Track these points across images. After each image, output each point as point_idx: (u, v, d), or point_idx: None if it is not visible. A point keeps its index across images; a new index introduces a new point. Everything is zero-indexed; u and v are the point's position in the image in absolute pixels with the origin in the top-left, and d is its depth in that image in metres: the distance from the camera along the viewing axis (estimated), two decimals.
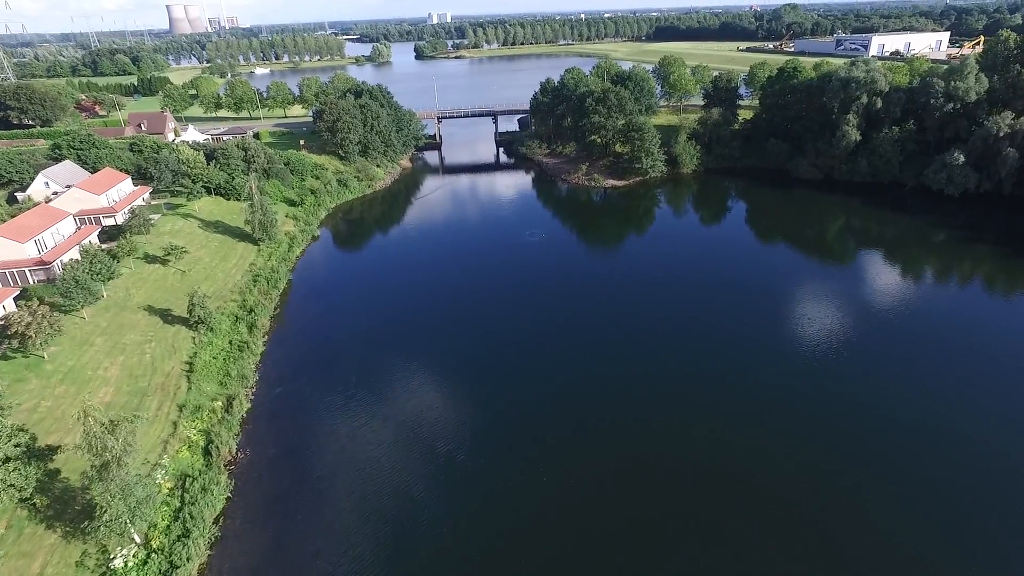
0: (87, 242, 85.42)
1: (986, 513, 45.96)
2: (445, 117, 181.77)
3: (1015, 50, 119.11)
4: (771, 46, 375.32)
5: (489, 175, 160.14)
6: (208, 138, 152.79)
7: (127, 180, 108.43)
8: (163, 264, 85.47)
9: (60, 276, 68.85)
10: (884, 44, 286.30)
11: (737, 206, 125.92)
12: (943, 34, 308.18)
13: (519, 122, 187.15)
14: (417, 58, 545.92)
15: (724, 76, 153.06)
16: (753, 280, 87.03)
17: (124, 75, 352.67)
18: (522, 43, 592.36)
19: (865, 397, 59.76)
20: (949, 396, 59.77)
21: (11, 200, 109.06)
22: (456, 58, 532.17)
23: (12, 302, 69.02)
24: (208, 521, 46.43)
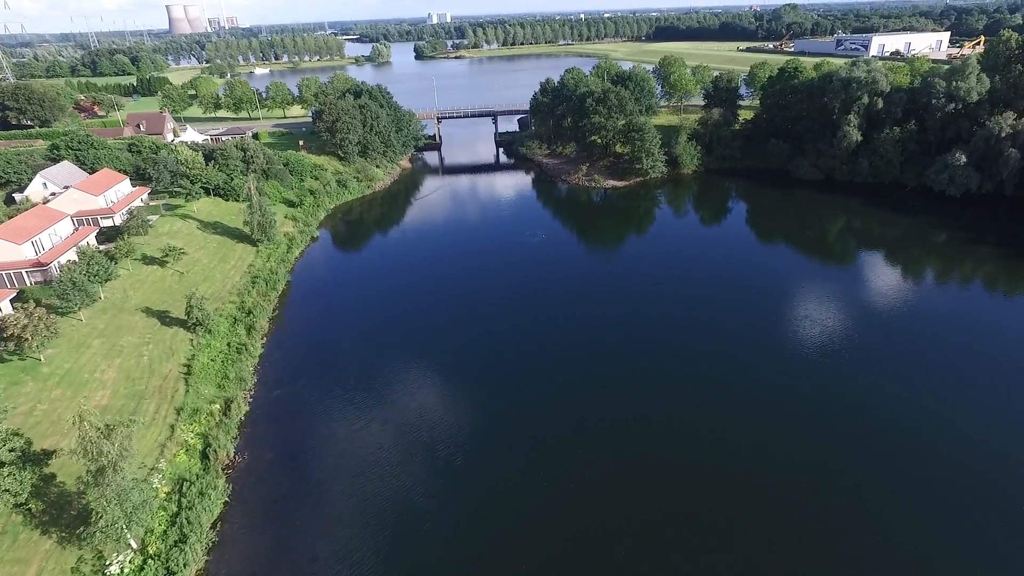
0: (85, 243, 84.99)
1: (986, 513, 45.95)
2: (445, 117, 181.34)
3: (1017, 50, 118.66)
4: (771, 46, 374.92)
5: (489, 176, 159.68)
6: (207, 139, 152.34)
7: (125, 181, 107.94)
8: (161, 265, 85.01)
9: (57, 278, 68.39)
10: (884, 44, 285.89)
11: (738, 207, 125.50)
12: (943, 34, 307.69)
13: (519, 122, 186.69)
14: (417, 58, 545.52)
15: (725, 76, 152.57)
16: (753, 280, 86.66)
17: (123, 75, 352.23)
18: (522, 43, 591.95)
19: (865, 397, 59.48)
20: (950, 396, 59.48)
21: (9, 201, 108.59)
22: (456, 58, 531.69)
23: (8, 304, 68.62)
24: (205, 526, 45.99)
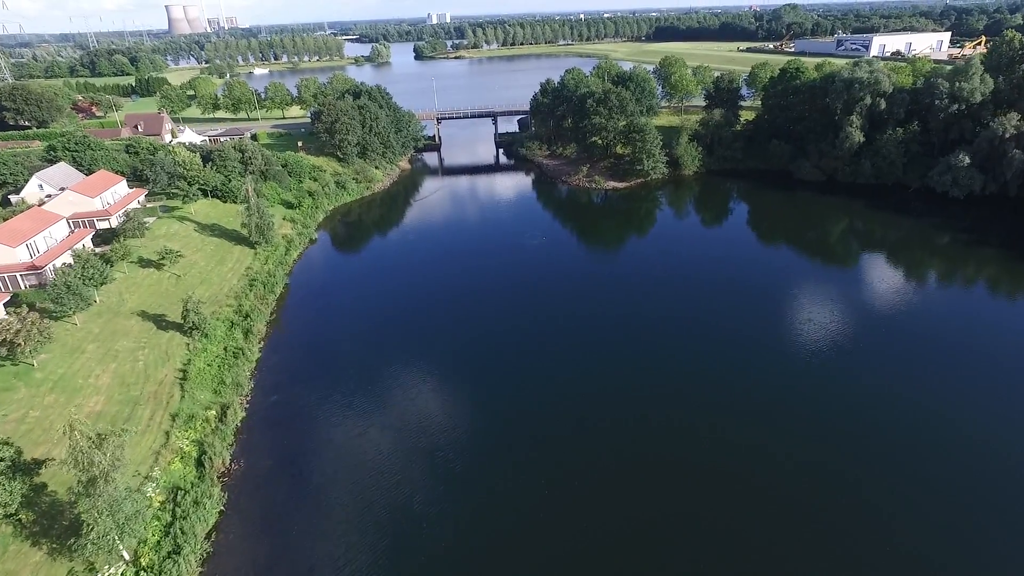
0: (80, 246, 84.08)
1: (986, 513, 45.67)
2: (444, 118, 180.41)
3: (1020, 50, 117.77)
4: (771, 46, 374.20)
5: (489, 177, 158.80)
6: (205, 139, 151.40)
7: (122, 182, 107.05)
8: (158, 268, 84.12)
9: (51, 281, 67.46)
10: (885, 44, 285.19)
11: (739, 208, 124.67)
12: (944, 34, 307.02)
13: (519, 123, 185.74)
14: (416, 58, 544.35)
15: (726, 77, 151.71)
16: (754, 281, 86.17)
17: (122, 76, 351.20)
18: (521, 43, 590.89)
19: (866, 397, 59.12)
20: (950, 397, 59.16)
21: (4, 203, 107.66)
22: (455, 58, 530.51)
23: (2, 308, 67.62)
24: (200, 536, 45.04)
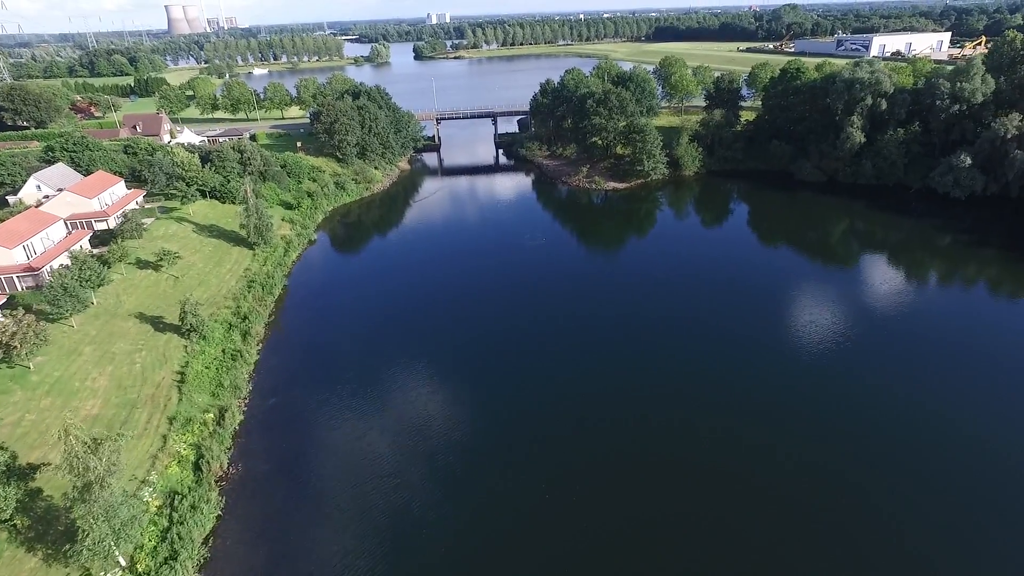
0: (78, 247, 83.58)
1: (986, 513, 45.57)
2: (444, 118, 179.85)
3: (1022, 51, 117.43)
4: (771, 46, 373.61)
5: (488, 177, 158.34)
6: (204, 140, 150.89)
7: (120, 183, 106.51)
8: (155, 270, 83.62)
9: (48, 283, 67.00)
10: (885, 44, 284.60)
11: (739, 208, 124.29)
12: (944, 34, 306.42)
13: (519, 123, 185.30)
14: (416, 59, 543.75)
15: (726, 77, 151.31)
16: (755, 281, 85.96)
17: (121, 76, 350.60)
18: (521, 43, 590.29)
19: (866, 398, 58.98)
20: (951, 397, 59.04)
21: (1, 204, 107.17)
22: (455, 59, 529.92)
23: None
24: (197, 541, 44.58)
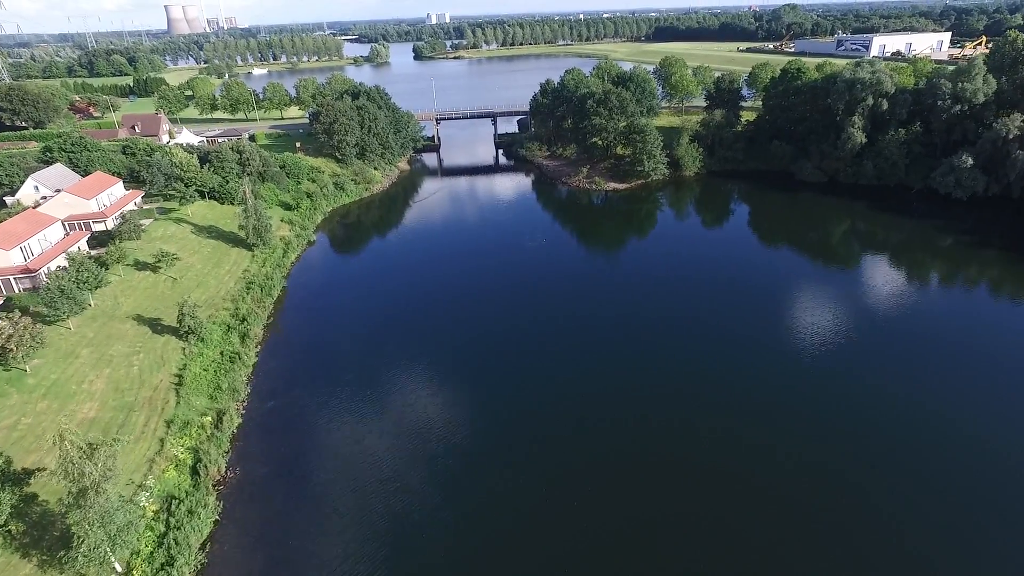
0: (75, 249, 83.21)
1: (986, 513, 45.47)
2: (444, 119, 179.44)
3: (1023, 51, 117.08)
4: (771, 47, 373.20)
5: (488, 177, 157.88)
6: (202, 140, 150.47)
7: (118, 184, 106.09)
8: (153, 271, 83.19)
9: (44, 285, 66.55)
10: (885, 44, 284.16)
11: (740, 209, 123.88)
12: (944, 34, 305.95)
13: (518, 123, 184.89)
14: (416, 59, 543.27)
15: (727, 77, 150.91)
16: (755, 282, 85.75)
17: (120, 76, 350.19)
18: (521, 43, 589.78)
19: (866, 398, 58.83)
20: (951, 397, 58.88)
21: None
22: (455, 59, 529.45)
23: None
24: (194, 547, 44.14)
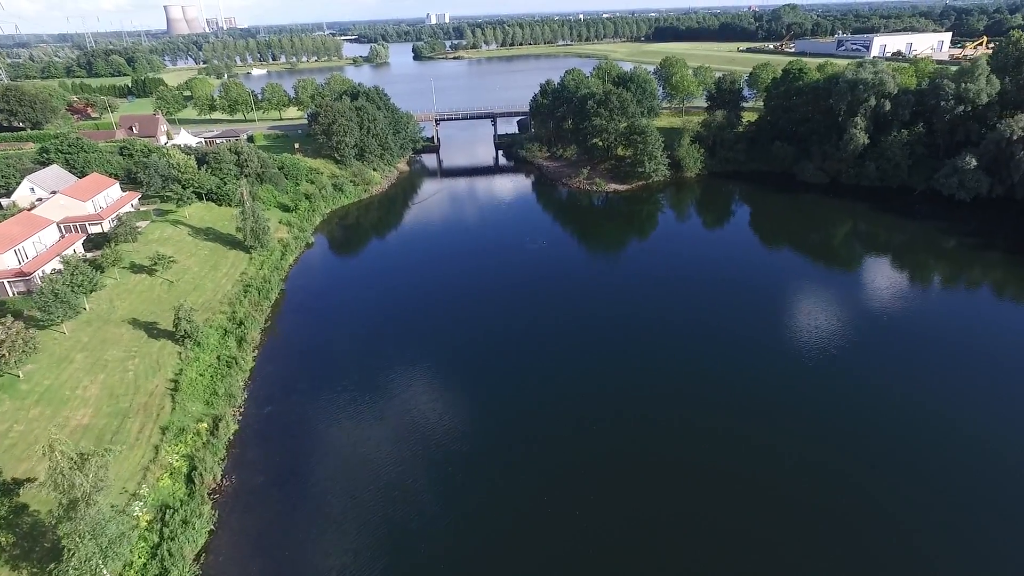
0: (71, 251, 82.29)
1: (986, 513, 45.20)
2: (443, 119, 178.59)
3: None
4: (771, 47, 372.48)
5: (488, 178, 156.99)
6: (200, 141, 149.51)
7: (115, 186, 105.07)
8: (150, 274, 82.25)
9: (38, 289, 65.61)
10: (886, 45, 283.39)
11: (741, 210, 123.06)
12: (944, 35, 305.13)
13: (518, 124, 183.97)
14: (415, 59, 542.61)
15: (728, 77, 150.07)
16: (756, 283, 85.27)
17: (119, 76, 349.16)
18: (521, 44, 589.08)
19: (867, 398, 58.45)
20: (952, 398, 58.45)
21: None
22: (454, 59, 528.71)
23: None
24: (188, 558, 43.22)
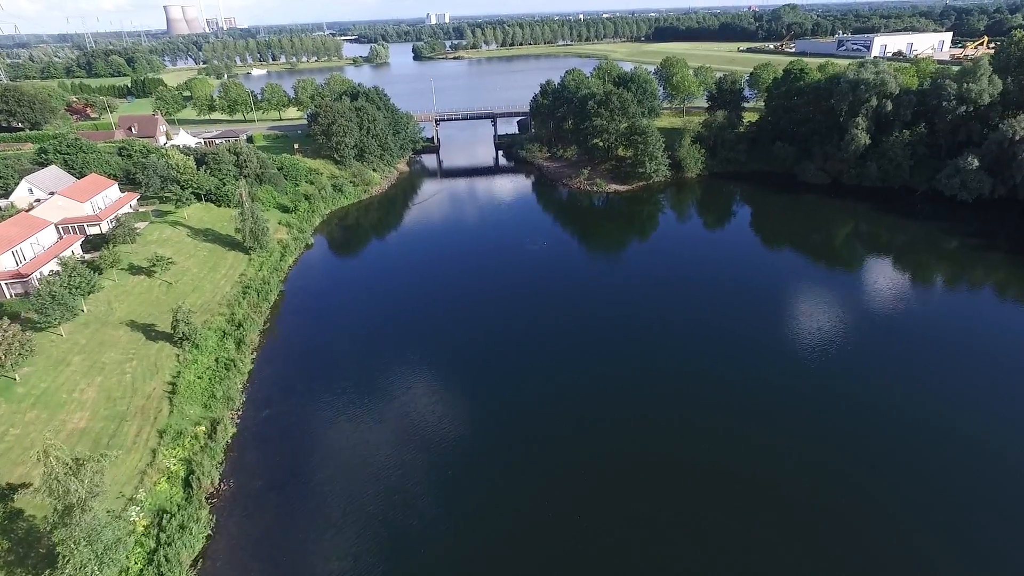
0: (69, 253, 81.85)
1: (986, 513, 45.06)
2: (443, 119, 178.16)
3: None
4: (772, 47, 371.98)
5: (488, 179, 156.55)
6: (199, 142, 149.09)
7: (114, 186, 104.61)
8: (148, 276, 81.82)
9: (36, 291, 65.18)
10: (886, 45, 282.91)
11: (742, 210, 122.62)
12: (945, 34, 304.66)
13: (518, 124, 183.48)
14: (415, 59, 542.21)
15: (729, 78, 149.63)
16: (757, 283, 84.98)
17: (119, 76, 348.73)
18: (521, 44, 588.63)
19: (867, 398, 58.29)
20: (951, 397, 58.23)
21: None
22: (454, 59, 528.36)
23: None
24: (185, 564, 42.76)
